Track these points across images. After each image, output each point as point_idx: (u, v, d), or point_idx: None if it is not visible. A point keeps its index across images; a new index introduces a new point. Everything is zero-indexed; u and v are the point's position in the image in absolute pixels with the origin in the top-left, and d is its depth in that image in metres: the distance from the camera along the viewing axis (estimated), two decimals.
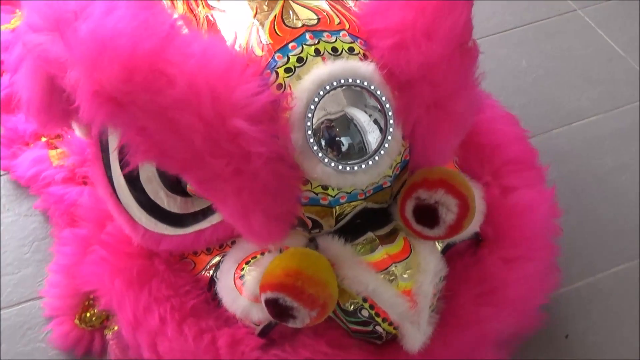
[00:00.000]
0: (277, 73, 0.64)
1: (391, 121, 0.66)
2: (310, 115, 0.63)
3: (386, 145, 0.66)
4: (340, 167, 0.64)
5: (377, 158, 0.65)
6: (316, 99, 0.63)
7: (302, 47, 0.65)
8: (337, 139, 0.64)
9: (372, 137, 0.66)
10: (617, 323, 0.93)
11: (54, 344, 0.92)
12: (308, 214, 0.69)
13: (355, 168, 0.65)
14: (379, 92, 0.65)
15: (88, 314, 0.93)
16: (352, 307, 0.70)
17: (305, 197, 0.67)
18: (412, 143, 0.69)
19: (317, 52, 0.65)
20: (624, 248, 1.02)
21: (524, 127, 1.15)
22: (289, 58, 0.65)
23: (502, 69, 1.30)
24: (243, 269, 0.74)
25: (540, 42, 1.34)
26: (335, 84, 0.63)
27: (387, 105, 0.65)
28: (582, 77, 1.27)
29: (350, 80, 0.64)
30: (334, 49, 0.66)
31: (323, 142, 0.64)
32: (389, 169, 0.68)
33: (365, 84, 0.64)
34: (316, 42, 0.65)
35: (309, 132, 0.63)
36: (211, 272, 0.79)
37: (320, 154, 0.63)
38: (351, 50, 0.66)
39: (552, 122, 1.20)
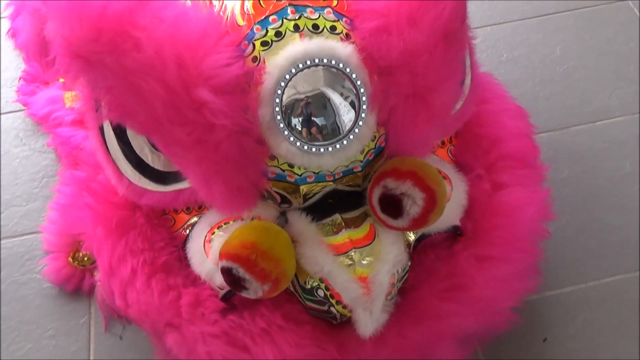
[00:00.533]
0: (254, 45, 0.64)
1: (364, 106, 0.64)
2: (279, 92, 0.62)
3: (356, 130, 0.64)
4: (305, 147, 0.64)
5: (345, 142, 0.64)
6: (287, 76, 0.62)
7: (282, 21, 0.64)
8: (306, 118, 0.63)
9: (346, 119, 0.64)
10: (599, 334, 0.91)
11: (47, 278, 0.98)
12: (275, 188, 0.70)
13: (322, 150, 0.64)
14: (354, 76, 0.63)
15: (80, 254, 0.97)
16: (309, 285, 0.71)
17: (272, 172, 0.67)
18: (387, 131, 0.68)
19: (297, 28, 0.64)
20: (622, 259, 0.98)
21: (544, 120, 1.12)
22: (267, 31, 0.64)
23: (534, 55, 1.24)
24: (214, 233, 0.76)
25: (580, 30, 1.27)
26: (309, 62, 0.62)
27: (362, 90, 0.64)
28: (617, 74, 1.19)
29: (325, 61, 0.63)
30: (315, 26, 0.64)
31: (291, 120, 0.63)
32: (360, 154, 0.67)
33: (341, 65, 0.63)
34: (297, 17, 0.64)
35: (277, 108, 0.62)
36: (188, 231, 0.81)
37: (286, 132, 0.63)
38: (333, 28, 0.65)
39: (575, 118, 1.15)
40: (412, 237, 0.77)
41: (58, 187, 0.97)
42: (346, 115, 0.64)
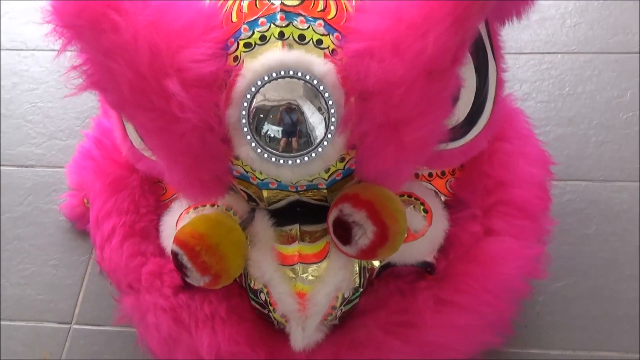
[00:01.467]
0: (238, 44, 0.64)
1: (332, 127, 0.63)
2: (249, 96, 0.62)
3: (319, 149, 0.63)
4: (265, 155, 0.63)
5: (306, 158, 0.63)
6: (259, 82, 0.62)
7: (270, 26, 0.63)
8: (272, 127, 0.63)
9: (315, 136, 0.63)
10: None
11: (63, 212, 1.06)
12: (241, 187, 0.70)
13: (281, 162, 0.64)
14: (327, 95, 0.62)
15: None
16: (255, 286, 0.72)
17: (236, 170, 0.68)
18: (356, 156, 0.66)
19: (282, 35, 0.63)
20: (623, 336, 0.90)
21: (587, 167, 1.04)
22: (253, 33, 0.63)
23: (600, 94, 1.14)
24: (189, 212, 0.78)
25: None
26: (283, 73, 0.61)
27: (332, 110, 0.62)
28: None
29: (299, 74, 0.61)
30: (301, 37, 0.63)
31: (257, 126, 0.63)
32: (325, 172, 0.66)
33: (315, 82, 0.61)
34: (285, 24, 0.63)
35: (244, 112, 0.62)
36: (173, 203, 0.84)
37: (248, 137, 0.63)
38: (319, 42, 0.63)
39: (622, 173, 1.05)
40: (376, 264, 0.76)
41: (86, 131, 1.04)
42: (316, 132, 0.63)
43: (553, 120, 1.12)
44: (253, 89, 0.62)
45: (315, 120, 0.63)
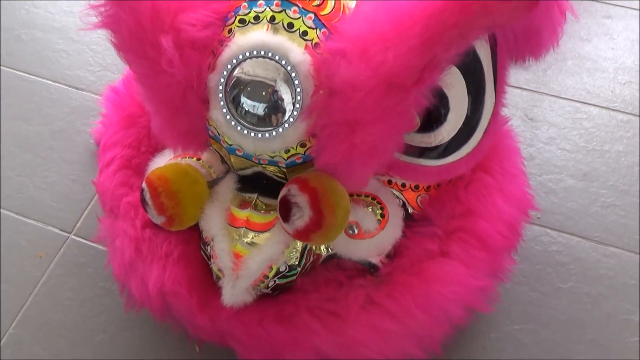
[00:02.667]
0: (235, 19, 0.70)
1: (295, 112, 0.68)
2: (229, 66, 0.68)
3: (280, 129, 0.68)
4: (232, 122, 0.69)
5: (267, 135, 0.69)
6: (240, 56, 0.67)
7: (265, 9, 0.69)
8: (247, 100, 0.69)
9: (281, 116, 0.69)
10: None
11: (92, 136, 1.16)
12: (215, 147, 0.77)
13: (245, 132, 0.69)
14: (297, 82, 0.67)
15: None
16: (204, 238, 0.79)
17: (211, 131, 0.74)
18: (315, 144, 0.70)
19: (272, 20, 0.68)
20: None
21: (585, 225, 1.03)
22: (250, 11, 0.69)
23: (625, 158, 1.12)
24: (177, 160, 0.86)
25: None
26: (263, 53, 0.67)
27: (299, 97, 0.67)
28: None
29: (277, 58, 0.67)
30: (290, 25, 0.68)
31: (233, 97, 0.69)
32: (284, 152, 0.71)
33: (289, 68, 0.66)
34: (278, 10, 0.68)
35: (222, 79, 0.69)
36: None
37: (221, 102, 0.69)
38: (304, 34, 0.68)
39: (621, 240, 1.03)
40: (323, 251, 0.80)
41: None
42: (282, 113, 0.68)
43: (568, 170, 1.11)
44: (234, 61, 0.68)
45: (283, 102, 0.68)
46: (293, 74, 0.67)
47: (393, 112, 0.65)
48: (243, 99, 0.68)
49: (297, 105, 0.67)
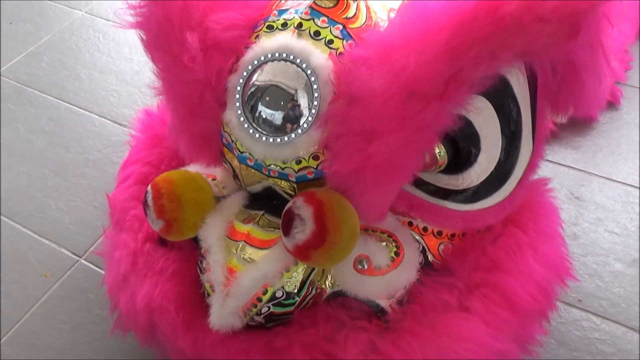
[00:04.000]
0: (263, 25, 0.69)
1: (310, 118, 0.64)
2: (250, 67, 0.66)
3: (293, 135, 0.65)
4: (245, 125, 0.67)
5: (279, 140, 0.65)
6: (262, 58, 0.66)
7: (294, 17, 0.68)
8: (262, 106, 0.66)
9: (295, 122, 0.66)
10: None
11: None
12: (227, 156, 0.74)
13: (257, 135, 0.66)
14: (315, 87, 0.64)
15: None
16: (202, 251, 0.74)
17: (225, 138, 0.72)
18: (327, 154, 0.66)
19: (299, 26, 0.67)
20: None
21: (601, 301, 0.91)
22: (279, 19, 0.69)
23: None
24: None
25: None
26: (285, 55, 0.65)
27: (315, 103, 0.64)
28: None
29: (298, 61, 0.65)
30: (317, 33, 0.66)
31: (250, 101, 0.67)
32: (295, 163, 0.67)
33: (309, 72, 0.64)
34: (307, 18, 0.67)
35: (241, 80, 0.67)
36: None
37: (237, 104, 0.67)
38: (330, 42, 0.66)
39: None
40: (328, 287, 0.73)
41: None
42: (297, 119, 0.65)
43: (616, 254, 1.01)
44: (256, 62, 0.67)
45: (300, 108, 0.65)
46: (313, 78, 0.64)
47: (412, 124, 0.60)
48: (261, 107, 0.66)
49: (313, 111, 0.64)
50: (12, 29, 1.57)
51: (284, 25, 0.68)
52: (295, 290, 0.70)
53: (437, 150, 0.70)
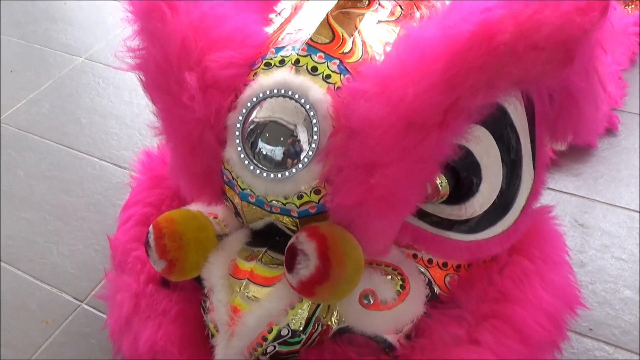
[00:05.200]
0: (261, 63, 0.70)
1: (310, 153, 0.64)
2: (249, 104, 0.67)
3: (294, 170, 0.65)
4: (246, 161, 0.67)
5: (280, 175, 0.65)
6: (261, 95, 0.66)
7: (291, 53, 0.68)
8: (262, 143, 0.66)
9: (295, 158, 0.66)
10: None
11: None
12: (228, 194, 0.73)
13: (258, 172, 0.66)
14: (314, 121, 0.64)
15: None
16: (205, 290, 0.72)
17: (226, 176, 0.71)
18: (329, 187, 0.66)
19: (296, 62, 0.68)
20: None
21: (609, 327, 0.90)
22: (276, 56, 0.69)
23: None
24: None
25: None
26: (283, 92, 0.66)
27: (315, 137, 0.64)
28: None
29: (296, 96, 0.65)
30: (314, 68, 0.67)
31: (250, 138, 0.67)
32: (297, 198, 0.67)
33: (308, 107, 0.64)
34: (304, 54, 0.68)
35: (240, 117, 0.67)
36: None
37: (237, 140, 0.67)
38: (327, 77, 0.67)
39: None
40: (334, 324, 0.72)
41: None
42: (296, 155, 0.65)
43: (625, 281, 0.99)
44: (254, 99, 0.67)
45: (300, 143, 0.65)
46: (312, 113, 0.64)
47: (412, 155, 0.60)
48: (261, 144, 0.66)
49: (313, 146, 0.64)
50: (13, 77, 1.59)
51: (282, 62, 0.69)
52: (301, 328, 0.69)
53: (438, 181, 0.70)
